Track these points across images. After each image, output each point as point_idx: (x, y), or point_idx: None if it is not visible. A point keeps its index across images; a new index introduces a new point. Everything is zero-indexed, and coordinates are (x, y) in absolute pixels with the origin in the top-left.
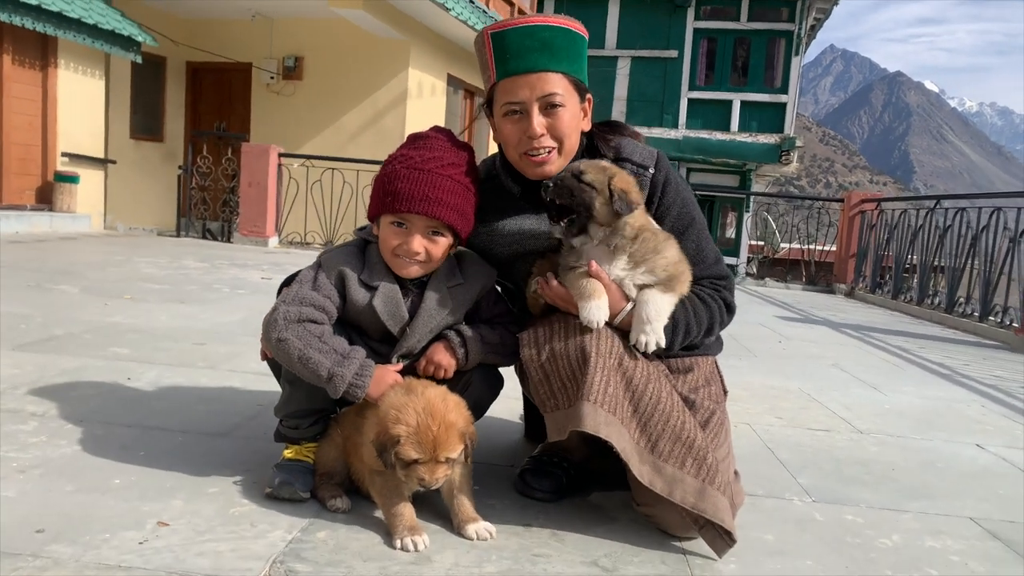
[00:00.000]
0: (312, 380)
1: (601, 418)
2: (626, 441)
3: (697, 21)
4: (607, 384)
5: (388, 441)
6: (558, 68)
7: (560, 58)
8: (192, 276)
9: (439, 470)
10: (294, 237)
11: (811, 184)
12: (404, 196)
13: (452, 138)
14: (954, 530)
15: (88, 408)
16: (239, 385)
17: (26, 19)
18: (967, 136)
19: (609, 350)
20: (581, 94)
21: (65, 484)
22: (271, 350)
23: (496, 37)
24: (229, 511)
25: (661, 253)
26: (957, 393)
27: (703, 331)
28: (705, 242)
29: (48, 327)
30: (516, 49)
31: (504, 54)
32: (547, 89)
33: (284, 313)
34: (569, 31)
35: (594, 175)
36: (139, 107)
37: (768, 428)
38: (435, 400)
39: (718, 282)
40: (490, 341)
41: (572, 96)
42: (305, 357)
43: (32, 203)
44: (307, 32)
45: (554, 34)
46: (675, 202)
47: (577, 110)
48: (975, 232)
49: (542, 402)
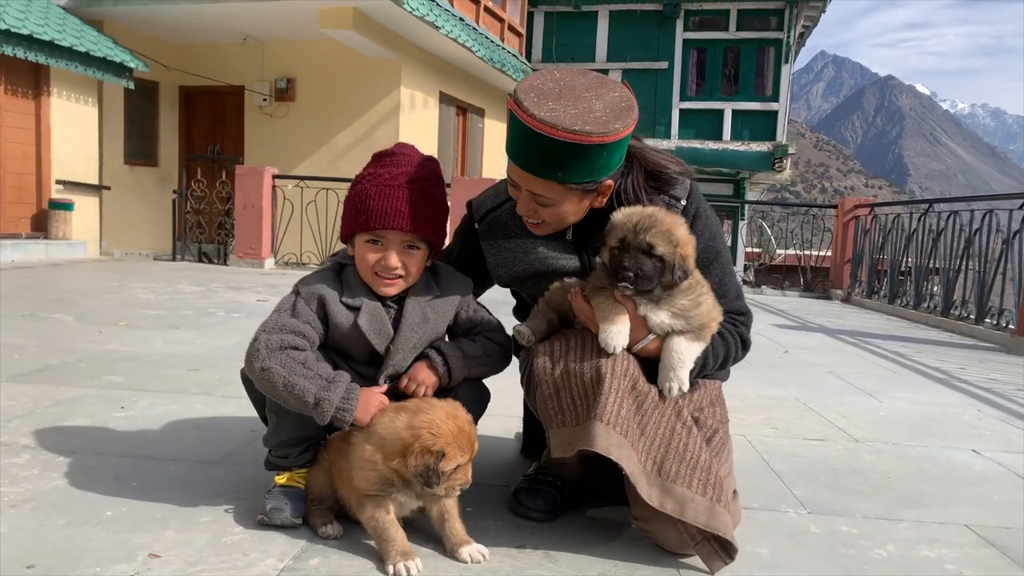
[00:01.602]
0: (299, 408)
1: (613, 439)
2: (635, 464)
3: (686, 32)
4: (620, 406)
5: (433, 458)
6: (551, 177)
7: (558, 168)
8: (188, 301)
9: (470, 469)
10: (290, 258)
11: (806, 190)
12: (377, 213)
13: (417, 152)
14: (949, 538)
15: (81, 439)
16: (233, 411)
17: (18, 49)
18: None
19: (624, 371)
20: (586, 190)
21: (57, 518)
22: (254, 380)
23: (512, 113)
24: (221, 540)
25: (699, 305)
26: (953, 398)
27: (718, 365)
28: (728, 277)
29: (43, 357)
30: (520, 142)
31: (512, 134)
32: (534, 189)
33: (265, 342)
34: (578, 146)
35: (664, 248)
36: (133, 132)
37: (763, 439)
38: (443, 405)
39: (737, 318)
40: (472, 355)
41: (567, 195)
42: (290, 384)
43: (27, 231)
44: (298, 54)
45: (557, 147)
46: (703, 235)
47: (575, 202)
48: (968, 235)
49: (548, 417)
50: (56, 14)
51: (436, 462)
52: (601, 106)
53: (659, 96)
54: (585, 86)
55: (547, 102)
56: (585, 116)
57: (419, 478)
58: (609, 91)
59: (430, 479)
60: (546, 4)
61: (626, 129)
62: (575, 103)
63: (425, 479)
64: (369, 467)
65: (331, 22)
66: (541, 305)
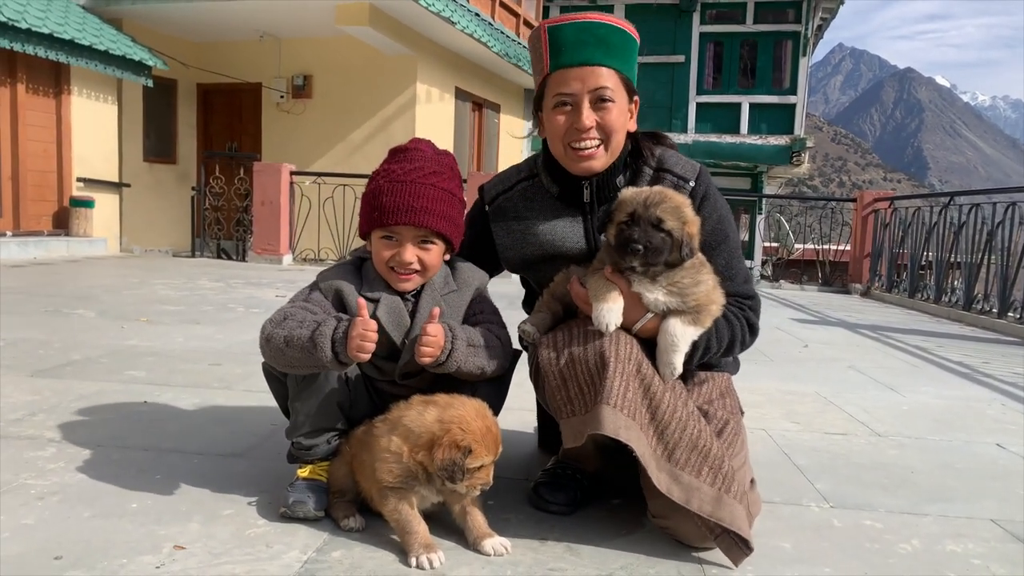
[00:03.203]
0: (305, 361)
1: (621, 421)
2: (645, 447)
3: (703, 25)
4: (626, 389)
5: (460, 453)
6: (611, 64)
7: (614, 55)
8: (207, 297)
9: (492, 468)
10: (308, 254)
11: (824, 184)
12: (390, 209)
13: (432, 147)
14: (975, 533)
15: (105, 432)
16: (254, 404)
17: (39, 48)
18: (981, 130)
19: (628, 355)
20: (630, 94)
21: (83, 510)
22: (265, 356)
23: (553, 31)
24: (245, 532)
25: (698, 283)
26: (976, 392)
27: (723, 348)
28: (736, 260)
29: (66, 352)
30: (572, 42)
31: (559, 47)
32: (599, 83)
33: (269, 319)
34: (623, 31)
35: (672, 223)
36: (151, 130)
37: (784, 433)
38: (474, 404)
39: (744, 301)
40: (475, 343)
41: (621, 93)
42: (289, 337)
43: (49, 228)
44: (315, 51)
45: (610, 31)
46: (711, 217)
47: (625, 108)
48: (991, 227)
49: (558, 408)
50: (76, 13)
51: (463, 457)
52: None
53: (676, 90)
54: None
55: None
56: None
57: (443, 472)
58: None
59: (454, 474)
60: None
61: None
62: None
63: (449, 474)
64: (394, 459)
65: (348, 19)
66: (545, 297)
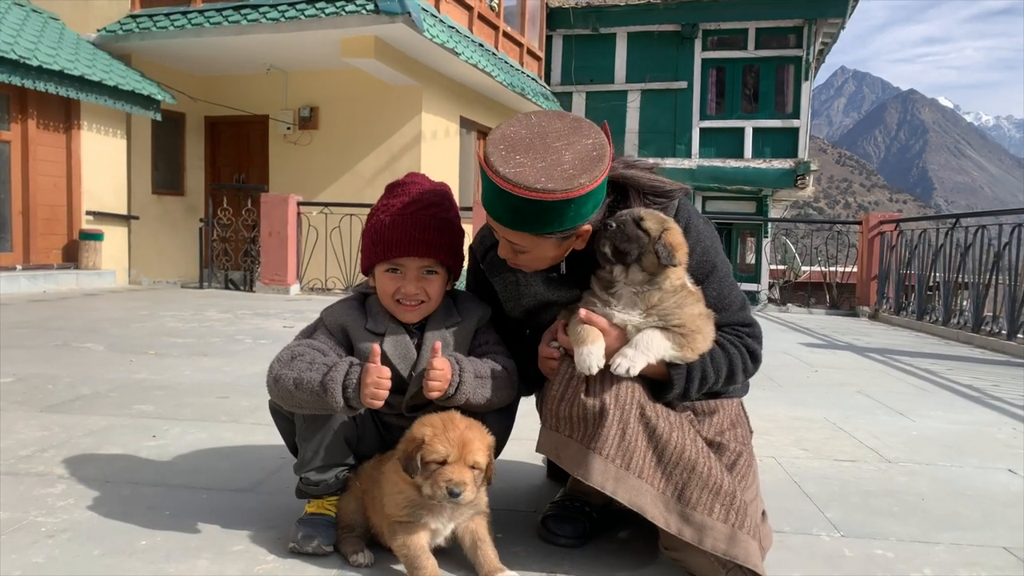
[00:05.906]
0: (314, 403)
1: (611, 473)
2: (643, 495)
3: (705, 52)
4: (622, 436)
5: (413, 444)
6: (520, 229)
7: (523, 223)
8: (215, 328)
9: (466, 474)
10: (315, 284)
11: (830, 206)
12: (393, 242)
13: (427, 180)
14: (988, 561)
15: (114, 468)
16: (262, 438)
17: (49, 84)
18: (985, 150)
19: (629, 400)
20: (558, 237)
21: (92, 548)
22: (272, 395)
23: (481, 168)
24: (254, 569)
25: (683, 308)
26: (987, 416)
27: (723, 378)
28: (728, 289)
29: (75, 387)
30: (490, 195)
31: (483, 188)
32: (508, 238)
33: (277, 359)
34: (540, 202)
35: (651, 224)
36: (160, 163)
37: (794, 461)
38: (446, 411)
39: (741, 329)
40: (482, 374)
41: (539, 242)
42: (299, 380)
43: (59, 262)
44: (321, 83)
45: (522, 203)
46: (695, 249)
47: (553, 248)
48: (998, 249)
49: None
50: (86, 49)
51: (416, 449)
52: (570, 157)
53: (679, 116)
54: (559, 133)
55: (515, 155)
56: (551, 171)
57: (405, 469)
58: (582, 138)
59: (409, 467)
60: (564, 28)
61: (593, 183)
62: (544, 155)
63: (405, 466)
64: (396, 489)
65: (353, 51)
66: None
